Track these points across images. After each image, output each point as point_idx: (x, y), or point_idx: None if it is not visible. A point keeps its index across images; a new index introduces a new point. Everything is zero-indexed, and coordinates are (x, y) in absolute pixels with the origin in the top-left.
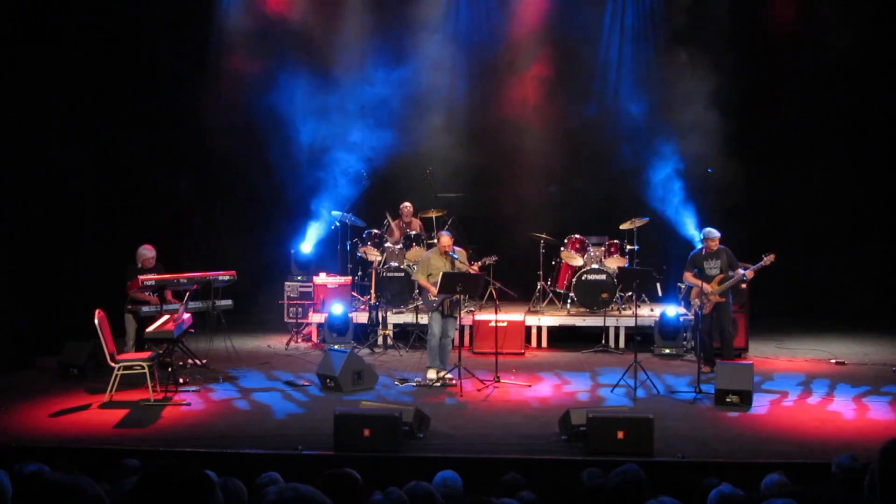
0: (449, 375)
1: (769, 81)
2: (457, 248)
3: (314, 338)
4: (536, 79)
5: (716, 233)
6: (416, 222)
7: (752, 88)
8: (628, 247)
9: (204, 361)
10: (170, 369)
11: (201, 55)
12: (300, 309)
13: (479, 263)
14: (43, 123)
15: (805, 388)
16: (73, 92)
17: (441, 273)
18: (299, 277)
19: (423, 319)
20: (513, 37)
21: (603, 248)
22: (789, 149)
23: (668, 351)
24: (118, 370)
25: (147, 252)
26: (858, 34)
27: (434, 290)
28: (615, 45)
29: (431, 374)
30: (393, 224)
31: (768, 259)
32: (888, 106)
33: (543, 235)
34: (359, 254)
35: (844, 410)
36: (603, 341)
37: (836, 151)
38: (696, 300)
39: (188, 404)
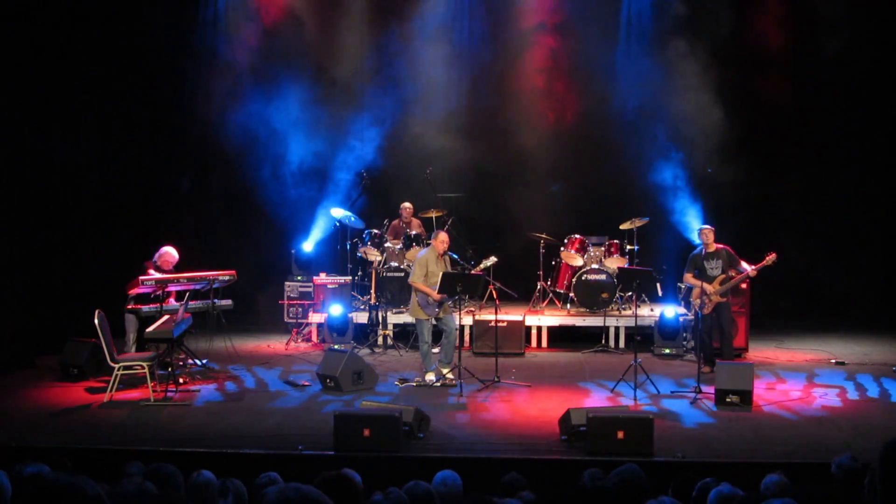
0: (449, 376)
1: (770, 80)
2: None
3: (314, 338)
4: (537, 78)
5: (708, 226)
6: (416, 222)
7: (752, 87)
8: (628, 247)
9: (204, 361)
10: (170, 369)
11: (202, 53)
12: (300, 309)
13: (479, 269)
14: (43, 123)
15: (805, 388)
16: (73, 92)
17: (441, 273)
18: (299, 277)
19: None
20: (513, 36)
21: (603, 248)
22: (790, 148)
23: (667, 351)
24: (118, 370)
25: (170, 256)
26: (860, 32)
27: (434, 293)
28: (616, 44)
29: (430, 377)
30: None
31: (770, 258)
32: (890, 105)
33: (543, 235)
34: (359, 254)
35: (844, 410)
36: (603, 341)
37: (838, 150)
38: (697, 300)
39: (188, 404)
